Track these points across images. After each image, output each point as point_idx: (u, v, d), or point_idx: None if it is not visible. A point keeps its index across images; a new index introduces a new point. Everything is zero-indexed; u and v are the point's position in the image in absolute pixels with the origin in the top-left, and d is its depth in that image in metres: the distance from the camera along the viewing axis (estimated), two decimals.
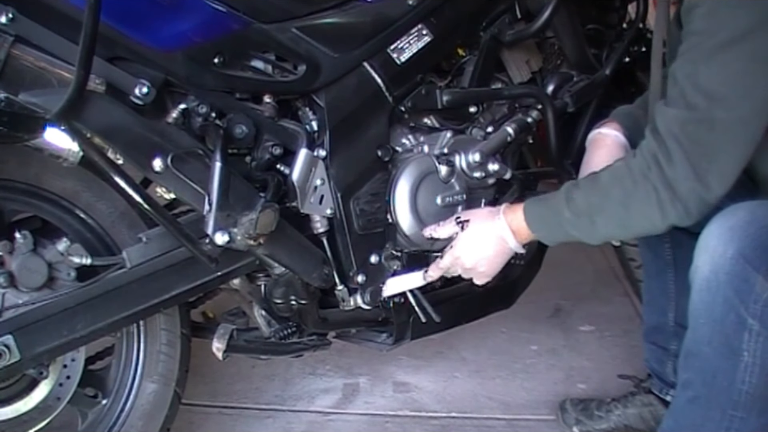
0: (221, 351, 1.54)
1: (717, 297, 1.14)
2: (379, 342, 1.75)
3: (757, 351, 1.14)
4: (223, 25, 1.37)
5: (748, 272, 1.11)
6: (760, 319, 1.12)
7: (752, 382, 1.16)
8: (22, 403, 1.41)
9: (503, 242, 1.39)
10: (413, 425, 1.89)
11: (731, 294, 1.13)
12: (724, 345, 1.16)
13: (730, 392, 1.17)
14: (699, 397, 1.21)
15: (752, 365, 1.15)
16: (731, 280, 1.12)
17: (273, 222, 1.35)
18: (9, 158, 1.36)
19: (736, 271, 1.12)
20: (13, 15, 1.18)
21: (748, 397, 1.17)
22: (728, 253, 1.12)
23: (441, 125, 1.69)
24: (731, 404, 1.18)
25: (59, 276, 1.40)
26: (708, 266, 1.15)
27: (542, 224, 1.35)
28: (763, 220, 1.13)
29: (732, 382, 1.17)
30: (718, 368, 1.18)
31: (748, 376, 1.16)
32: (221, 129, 1.37)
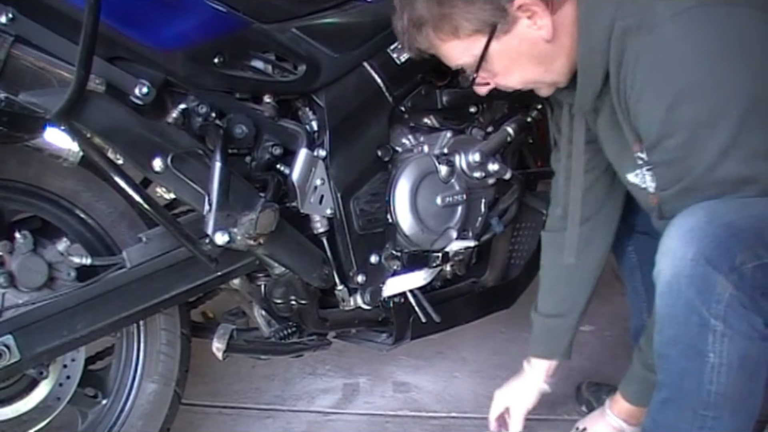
0: (221, 351, 1.54)
1: (679, 300, 1.14)
2: (379, 342, 1.75)
3: (723, 351, 1.13)
4: (223, 25, 1.37)
5: (709, 273, 1.10)
6: (723, 320, 1.11)
7: (721, 381, 1.15)
8: (22, 403, 1.41)
9: None
10: (413, 425, 1.89)
11: (693, 296, 1.12)
12: (689, 347, 1.15)
13: (699, 393, 1.17)
14: (670, 398, 1.21)
15: (719, 365, 1.14)
16: (692, 282, 1.12)
17: (273, 222, 1.35)
18: (9, 158, 1.36)
19: (697, 273, 1.11)
20: (13, 15, 1.18)
21: (719, 397, 1.16)
22: (688, 256, 1.11)
23: (441, 125, 1.69)
24: (702, 405, 1.17)
25: (59, 276, 1.40)
26: (669, 270, 1.14)
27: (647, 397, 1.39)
28: (722, 218, 1.12)
29: (700, 383, 1.16)
30: (685, 370, 1.18)
31: (716, 376, 1.15)
32: (221, 129, 1.37)
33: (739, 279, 1.10)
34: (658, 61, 1.15)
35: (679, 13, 1.13)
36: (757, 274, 1.10)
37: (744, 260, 1.10)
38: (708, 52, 1.13)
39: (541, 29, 1.25)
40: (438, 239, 1.65)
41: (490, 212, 1.76)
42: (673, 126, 1.16)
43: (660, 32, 1.14)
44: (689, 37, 1.14)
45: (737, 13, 1.14)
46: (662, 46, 1.15)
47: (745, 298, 1.11)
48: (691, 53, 1.14)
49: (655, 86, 1.16)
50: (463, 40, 1.28)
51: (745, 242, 1.11)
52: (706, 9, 1.13)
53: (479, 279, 1.85)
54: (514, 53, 1.28)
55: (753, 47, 1.14)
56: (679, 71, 1.14)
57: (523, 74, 1.32)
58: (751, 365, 1.15)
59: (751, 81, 1.13)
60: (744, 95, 1.13)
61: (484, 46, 1.26)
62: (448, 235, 1.66)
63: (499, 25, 1.24)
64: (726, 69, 1.13)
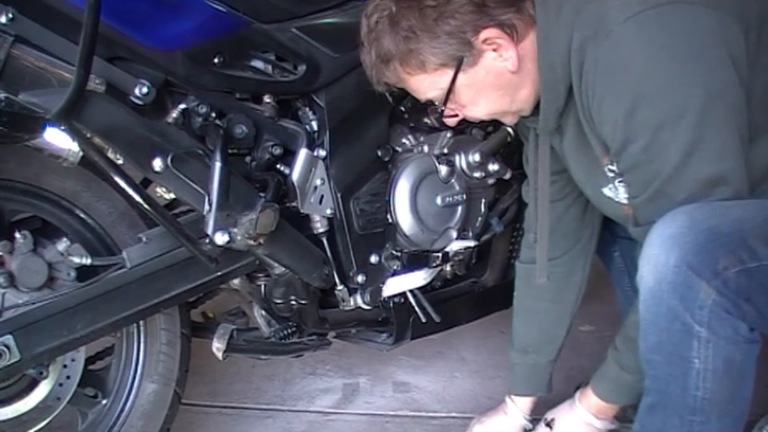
0: (221, 351, 1.54)
1: (661, 307, 1.13)
2: (379, 342, 1.75)
3: (708, 357, 1.12)
4: (223, 25, 1.37)
5: (692, 279, 1.09)
6: (707, 326, 1.10)
7: (707, 387, 1.14)
8: (22, 403, 1.41)
9: (592, 427, 1.51)
10: (413, 425, 1.89)
11: (676, 302, 1.11)
12: (673, 354, 1.14)
13: (685, 399, 1.16)
14: (657, 403, 1.21)
15: (704, 371, 1.13)
16: (675, 289, 1.10)
17: (273, 222, 1.35)
18: (9, 158, 1.36)
19: (680, 280, 1.10)
20: (13, 15, 1.18)
21: (705, 402, 1.15)
22: (670, 262, 1.10)
23: (441, 125, 1.69)
24: (688, 410, 1.16)
25: (59, 276, 1.40)
26: (651, 276, 1.13)
27: (618, 395, 1.46)
28: (703, 223, 1.11)
29: (686, 389, 1.15)
30: (671, 376, 1.17)
31: (702, 381, 1.14)
32: (221, 129, 1.37)
33: (722, 284, 1.09)
34: (614, 65, 1.16)
35: (631, 16, 1.14)
36: (740, 279, 1.09)
37: (727, 265, 1.09)
38: (662, 53, 1.14)
39: (507, 61, 1.27)
40: (438, 239, 1.65)
41: (490, 212, 1.76)
42: (635, 129, 1.17)
43: (615, 37, 1.15)
44: (643, 40, 1.15)
45: (689, 11, 1.15)
46: (617, 50, 1.16)
47: (728, 304, 1.10)
48: (646, 55, 1.15)
49: (614, 91, 1.18)
50: (431, 74, 1.29)
51: (728, 247, 1.09)
52: (658, 10, 1.14)
53: (479, 279, 1.85)
54: (481, 85, 1.30)
55: (706, 45, 1.15)
56: (635, 74, 1.15)
57: (489, 105, 1.34)
58: (736, 369, 1.14)
59: (706, 79, 1.14)
60: (701, 93, 1.13)
61: (450, 80, 1.28)
62: (448, 235, 1.65)
63: (465, 59, 1.26)
64: (681, 68, 1.14)
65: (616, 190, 1.33)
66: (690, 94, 1.14)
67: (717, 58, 1.15)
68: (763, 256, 1.10)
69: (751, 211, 1.14)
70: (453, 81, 1.29)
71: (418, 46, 1.26)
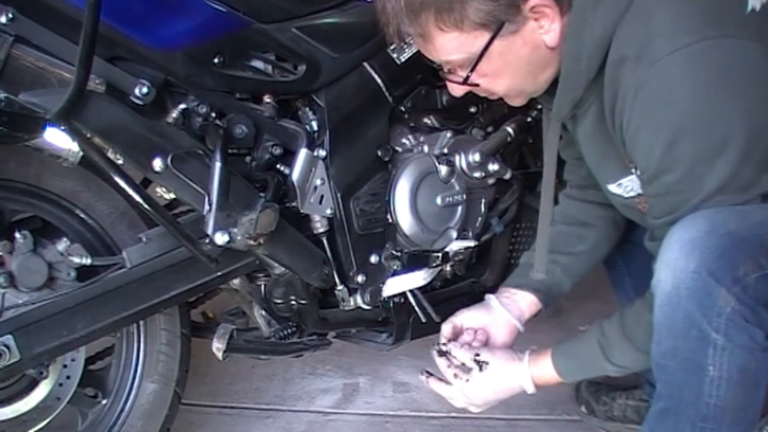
0: (221, 351, 1.54)
1: (678, 312, 1.11)
2: (379, 342, 1.75)
3: (723, 365, 1.11)
4: (223, 25, 1.37)
5: (711, 286, 1.08)
6: (724, 333, 1.09)
7: (720, 395, 1.13)
8: (22, 403, 1.41)
9: (520, 389, 1.43)
10: (413, 425, 1.89)
11: (693, 309, 1.10)
12: (688, 360, 1.13)
13: (697, 405, 1.15)
14: (668, 409, 1.19)
15: (719, 379, 1.12)
16: (693, 295, 1.08)
17: (273, 222, 1.35)
18: (9, 158, 1.36)
19: (698, 286, 1.08)
20: (13, 15, 1.18)
21: (717, 410, 1.14)
22: (690, 267, 1.09)
23: (441, 125, 1.69)
24: (700, 417, 1.15)
25: (59, 276, 1.40)
26: (670, 281, 1.11)
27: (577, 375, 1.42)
28: (722, 227, 1.10)
29: (699, 395, 1.14)
30: (684, 382, 1.15)
31: (715, 389, 1.13)
32: (221, 129, 1.37)
33: (741, 291, 1.08)
34: (657, 98, 1.13)
35: (679, 48, 1.11)
36: (759, 285, 1.08)
37: (747, 271, 1.08)
38: (707, 90, 1.12)
39: (548, 33, 1.20)
40: (438, 239, 1.65)
41: (490, 212, 1.76)
42: (672, 162, 1.15)
43: (660, 68, 1.12)
44: (689, 75, 1.12)
45: (736, 46, 1.12)
46: (661, 83, 1.12)
47: (746, 311, 1.09)
48: (691, 91, 1.12)
49: (653, 123, 1.14)
50: (465, 33, 1.18)
51: (747, 252, 1.09)
52: (706, 44, 1.11)
53: (479, 279, 1.85)
54: (513, 56, 1.22)
55: (751, 82, 1.13)
56: (678, 109, 1.12)
57: (513, 80, 1.27)
58: (750, 378, 1.13)
59: (748, 116, 1.12)
60: (742, 131, 1.11)
61: (485, 44, 1.20)
62: (448, 235, 1.65)
63: (506, 24, 1.17)
64: (724, 105, 1.12)
65: (624, 187, 1.31)
66: (731, 132, 1.11)
67: (760, 95, 1.13)
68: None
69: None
70: (487, 46, 1.19)
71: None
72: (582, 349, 1.38)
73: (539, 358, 1.41)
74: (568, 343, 1.41)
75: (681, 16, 1.13)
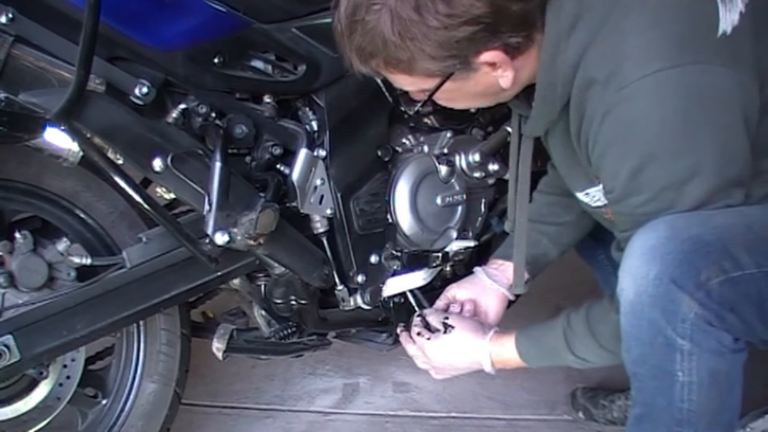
0: (221, 351, 1.54)
1: (642, 321, 1.10)
2: (379, 342, 1.75)
3: (692, 369, 1.10)
4: (223, 25, 1.37)
5: (673, 292, 1.06)
6: (690, 339, 1.08)
7: (692, 399, 1.12)
8: (22, 403, 1.41)
9: (478, 365, 1.44)
10: (413, 425, 1.89)
11: (657, 316, 1.08)
12: (657, 367, 1.12)
13: (671, 411, 1.14)
14: (644, 415, 1.19)
15: (689, 384, 1.11)
16: (656, 302, 1.08)
17: (273, 222, 1.35)
18: (9, 158, 1.36)
19: (661, 293, 1.07)
20: (13, 15, 1.18)
21: (692, 414, 1.13)
22: (651, 274, 1.07)
23: (441, 125, 1.69)
24: (675, 422, 1.15)
25: (59, 276, 1.40)
26: (632, 289, 1.10)
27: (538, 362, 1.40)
28: (684, 233, 1.08)
29: (671, 401, 1.13)
30: (656, 389, 1.15)
31: (687, 394, 1.12)
32: (221, 129, 1.37)
33: (705, 296, 1.07)
34: (624, 124, 1.11)
35: (648, 74, 1.08)
36: (723, 289, 1.07)
37: (710, 276, 1.06)
38: (676, 117, 1.10)
39: (501, 78, 1.19)
40: (438, 239, 1.65)
41: (490, 212, 1.76)
42: (638, 187, 1.14)
43: (628, 94, 1.09)
44: (658, 102, 1.10)
45: (708, 73, 1.10)
46: (629, 109, 1.10)
47: (711, 316, 1.07)
48: (659, 118, 1.10)
49: (620, 148, 1.13)
50: (415, 77, 1.19)
51: (710, 256, 1.07)
52: (676, 71, 1.09)
53: None
54: (465, 91, 1.22)
55: (722, 110, 1.11)
56: (645, 136, 1.11)
57: (468, 103, 1.33)
58: (723, 380, 1.12)
59: (718, 146, 1.11)
60: (711, 160, 1.10)
61: (435, 86, 1.19)
62: (448, 235, 1.66)
63: (457, 72, 1.17)
64: (693, 134, 1.10)
65: (591, 197, 1.31)
66: (700, 159, 1.10)
67: (731, 123, 1.11)
68: (745, 265, 1.08)
69: (733, 218, 1.12)
70: (438, 86, 1.20)
71: (413, 50, 1.12)
72: (546, 336, 1.37)
73: (503, 337, 1.41)
74: (535, 328, 1.40)
75: (652, 40, 1.10)
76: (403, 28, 1.11)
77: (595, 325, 1.30)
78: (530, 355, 1.39)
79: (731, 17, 1.12)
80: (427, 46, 1.12)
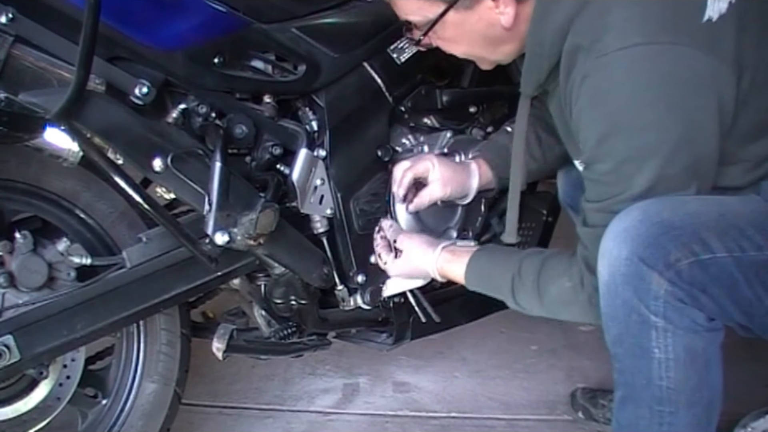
0: (221, 351, 1.54)
1: (617, 300, 1.14)
2: (379, 342, 1.75)
3: (668, 346, 1.14)
4: (223, 25, 1.37)
5: (643, 271, 1.10)
6: (663, 316, 1.12)
7: (670, 376, 1.15)
8: (22, 403, 1.41)
9: (427, 274, 1.51)
10: (413, 425, 1.89)
11: (630, 295, 1.12)
12: (634, 345, 1.16)
13: (650, 389, 1.17)
14: (626, 396, 1.21)
15: (666, 360, 1.14)
16: (628, 281, 1.12)
17: (273, 222, 1.35)
18: (9, 158, 1.36)
19: (632, 272, 1.11)
20: (13, 15, 1.18)
21: (671, 392, 1.16)
22: (623, 255, 1.12)
23: (441, 125, 1.69)
24: (655, 400, 1.17)
25: (59, 276, 1.40)
26: (606, 270, 1.15)
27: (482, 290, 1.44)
28: (655, 216, 1.12)
29: (650, 379, 1.16)
30: (634, 368, 1.18)
31: (665, 371, 1.15)
32: (221, 129, 1.37)
33: (675, 275, 1.10)
34: (598, 91, 1.16)
35: (627, 47, 1.13)
36: (693, 271, 1.10)
37: (679, 257, 1.10)
38: (646, 92, 1.14)
39: (502, 15, 1.25)
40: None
41: (490, 212, 1.76)
42: (603, 154, 1.18)
43: (605, 62, 1.14)
44: (631, 75, 1.14)
45: (685, 56, 1.13)
46: (604, 78, 1.15)
47: (682, 294, 1.11)
48: (630, 90, 1.14)
49: (592, 113, 1.18)
50: (421, 1, 1.26)
51: (680, 239, 1.11)
52: (654, 48, 1.13)
53: None
54: (468, 28, 1.28)
55: (694, 92, 1.14)
56: (615, 105, 1.15)
57: (469, 48, 1.34)
58: (699, 357, 1.15)
59: (684, 126, 1.14)
60: (674, 138, 1.14)
61: (440, 13, 1.25)
62: (448, 235, 1.65)
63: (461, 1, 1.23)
64: (662, 110, 1.14)
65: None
66: (664, 138, 1.14)
67: (702, 106, 1.15)
68: (716, 249, 1.11)
69: (707, 206, 1.16)
70: (442, 14, 1.25)
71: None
72: (496, 273, 1.41)
73: (455, 258, 1.45)
74: (487, 260, 1.43)
75: (636, 15, 1.15)
76: None
77: (545, 285, 1.32)
78: (474, 282, 1.44)
79: (719, 6, 1.16)
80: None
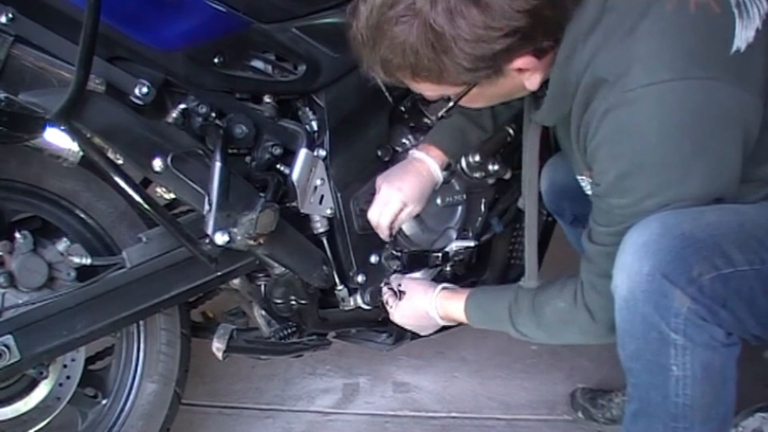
0: (221, 351, 1.54)
1: (636, 316, 1.11)
2: (379, 342, 1.76)
3: (686, 364, 1.11)
4: (223, 25, 1.37)
5: (666, 287, 1.08)
6: (683, 333, 1.09)
7: (687, 393, 1.13)
8: (22, 403, 1.41)
9: (432, 319, 1.54)
10: (413, 425, 1.89)
11: (651, 311, 1.10)
12: (651, 362, 1.14)
13: (666, 406, 1.15)
14: (640, 410, 1.20)
15: (683, 378, 1.12)
16: (649, 298, 1.09)
17: (273, 222, 1.35)
18: (9, 158, 1.36)
19: (654, 288, 1.08)
20: (13, 15, 1.18)
21: (687, 409, 1.14)
22: (644, 270, 1.08)
23: None
24: (670, 417, 1.16)
25: (59, 276, 1.40)
26: (625, 285, 1.11)
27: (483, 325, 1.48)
28: (675, 229, 1.09)
29: (666, 396, 1.14)
30: (650, 384, 1.16)
31: (681, 388, 1.13)
32: (221, 129, 1.37)
33: (697, 291, 1.08)
34: (621, 126, 1.11)
35: (656, 83, 1.08)
36: (715, 285, 1.08)
37: (701, 272, 1.08)
38: (674, 131, 1.10)
39: (528, 80, 1.18)
40: (438, 239, 1.65)
41: (490, 212, 1.76)
42: (622, 190, 1.15)
43: (632, 98, 1.09)
44: (660, 113, 1.09)
45: (716, 90, 1.09)
46: (630, 113, 1.10)
47: (703, 311, 1.09)
48: (656, 128, 1.10)
49: (613, 149, 1.14)
50: (442, 86, 1.16)
51: (702, 252, 1.08)
52: (683, 84, 1.08)
53: (479, 279, 1.85)
54: (490, 94, 1.21)
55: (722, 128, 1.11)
56: (640, 144, 1.11)
57: (488, 103, 1.32)
58: (716, 374, 1.13)
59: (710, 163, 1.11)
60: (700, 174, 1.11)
61: (460, 93, 1.18)
62: (448, 235, 1.66)
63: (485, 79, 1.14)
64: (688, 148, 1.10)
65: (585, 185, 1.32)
66: (689, 173, 1.11)
67: (729, 140, 1.11)
68: (737, 262, 1.09)
69: (726, 216, 1.13)
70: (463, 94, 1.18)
71: (447, 62, 1.09)
72: (493, 306, 1.44)
73: (453, 296, 1.50)
74: (483, 294, 1.49)
75: (664, 49, 1.09)
76: (437, 41, 1.07)
77: (540, 307, 1.34)
78: (475, 318, 1.47)
79: (746, 35, 1.11)
80: (462, 59, 1.09)
